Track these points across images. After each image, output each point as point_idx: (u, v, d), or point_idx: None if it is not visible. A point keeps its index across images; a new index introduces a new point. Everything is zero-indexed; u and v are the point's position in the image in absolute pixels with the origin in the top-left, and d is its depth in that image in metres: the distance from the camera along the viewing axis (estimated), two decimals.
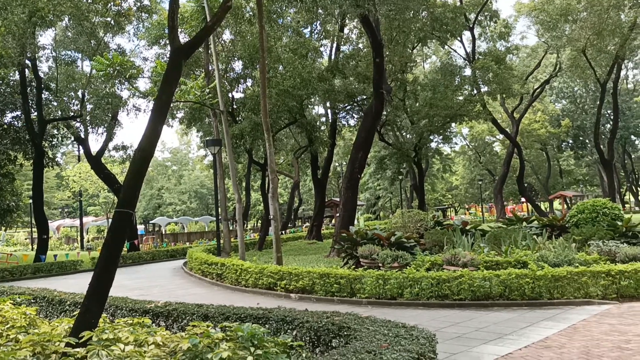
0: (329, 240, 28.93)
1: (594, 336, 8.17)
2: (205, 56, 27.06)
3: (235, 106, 31.81)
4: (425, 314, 10.75)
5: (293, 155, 41.93)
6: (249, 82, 32.33)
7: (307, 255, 23.85)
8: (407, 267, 13.27)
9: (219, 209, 24.48)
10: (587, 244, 15.04)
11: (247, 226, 59.42)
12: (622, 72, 57.57)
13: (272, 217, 17.63)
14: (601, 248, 13.74)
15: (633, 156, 68.61)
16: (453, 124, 43.61)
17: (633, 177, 69.69)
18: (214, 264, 18.27)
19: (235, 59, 31.20)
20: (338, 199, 37.34)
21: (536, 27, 41.91)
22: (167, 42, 23.93)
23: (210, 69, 26.43)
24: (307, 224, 51.17)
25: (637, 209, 61.22)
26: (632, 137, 67.39)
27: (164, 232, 55.62)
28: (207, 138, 28.09)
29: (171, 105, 23.09)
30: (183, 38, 26.97)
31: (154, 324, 7.69)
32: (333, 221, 53.51)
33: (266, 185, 33.47)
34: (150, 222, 64.09)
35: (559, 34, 39.86)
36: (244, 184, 40.84)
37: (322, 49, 35.34)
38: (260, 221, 56.51)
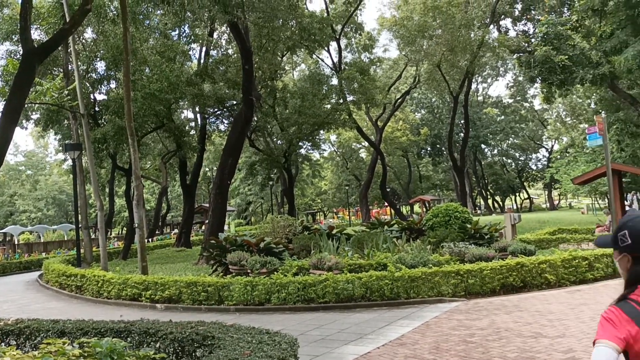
0: (199, 247, 28.45)
1: (444, 332, 8.88)
2: (64, 55, 25.48)
3: (97, 109, 30.18)
4: (292, 318, 11.02)
5: (161, 160, 40.72)
6: (113, 84, 30.84)
7: (175, 264, 23.32)
8: (275, 272, 13.47)
9: (79, 217, 23.18)
10: (441, 245, 16.23)
11: (110, 234, 56.60)
12: (473, 86, 62.95)
13: (137, 225, 17.03)
14: (452, 249, 14.94)
15: (483, 163, 74.85)
16: (321, 131, 44.81)
17: (483, 183, 76.02)
18: (73, 275, 17.28)
19: (98, 59, 29.66)
20: (208, 205, 36.84)
21: (397, 41, 44.36)
22: None
23: (69, 68, 24.93)
24: (176, 230, 49.87)
25: (483, 211, 66.79)
26: (482, 145, 73.50)
27: (16, 242, 51.22)
28: (67, 141, 26.39)
29: (25, 106, 21.47)
30: (39, 35, 25.17)
31: (3, 344, 7.18)
32: (203, 227, 52.61)
33: (131, 191, 32.17)
34: (1, 231, 58.82)
35: (417, 48, 42.58)
36: (107, 190, 38.91)
37: (191, 52, 34.81)
38: (125, 229, 54.09)
